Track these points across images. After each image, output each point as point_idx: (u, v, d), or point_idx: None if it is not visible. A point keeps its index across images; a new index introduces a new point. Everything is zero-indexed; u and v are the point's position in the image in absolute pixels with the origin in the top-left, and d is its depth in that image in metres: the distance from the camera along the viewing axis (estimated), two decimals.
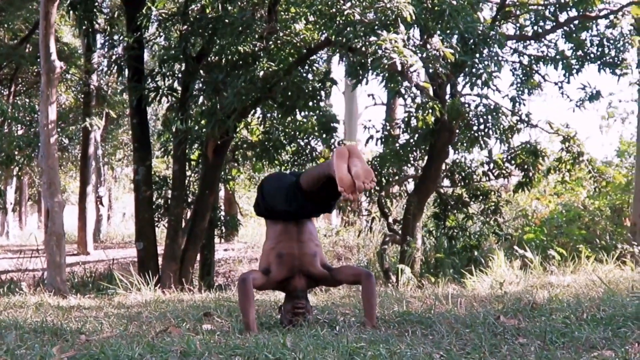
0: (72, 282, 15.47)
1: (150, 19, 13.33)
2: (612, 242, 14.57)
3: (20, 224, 38.58)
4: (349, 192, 4.91)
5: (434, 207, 15.42)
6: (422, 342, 4.36)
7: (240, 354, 3.76)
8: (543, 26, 13.39)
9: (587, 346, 4.07)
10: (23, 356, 3.50)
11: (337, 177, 4.94)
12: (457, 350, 4.04)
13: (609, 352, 3.81)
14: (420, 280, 11.56)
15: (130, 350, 3.69)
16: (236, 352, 3.84)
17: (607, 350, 3.86)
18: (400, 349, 3.93)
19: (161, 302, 8.18)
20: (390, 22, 9.81)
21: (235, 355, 3.72)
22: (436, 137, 12.84)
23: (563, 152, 14.42)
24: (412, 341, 4.39)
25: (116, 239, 28.77)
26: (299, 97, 11.86)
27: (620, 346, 3.95)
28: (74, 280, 15.94)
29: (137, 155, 13.89)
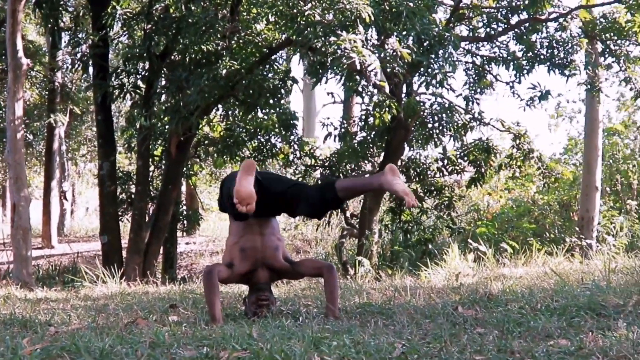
0: (37, 275, 15.32)
1: (115, 18, 13.20)
2: (560, 236, 14.72)
3: None
4: (244, 205, 4.89)
5: (390, 202, 15.45)
6: (384, 332, 4.35)
7: (208, 345, 3.73)
8: (495, 28, 13.44)
9: (543, 335, 4.09)
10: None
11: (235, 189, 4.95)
12: (418, 339, 4.03)
13: (565, 340, 3.83)
14: (377, 273, 11.57)
15: (101, 341, 3.66)
16: (204, 343, 3.81)
17: (562, 339, 3.88)
18: (364, 339, 3.91)
19: (127, 295, 8.12)
20: (350, 23, 9.81)
21: (204, 346, 3.68)
22: (392, 135, 12.88)
23: (514, 149, 14.52)
24: (374, 331, 4.38)
25: (80, 233, 28.51)
26: (260, 95, 11.80)
27: (574, 335, 3.97)
28: (39, 274, 15.79)
29: (102, 151, 13.79)
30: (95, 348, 3.38)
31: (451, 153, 14.38)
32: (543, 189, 16.31)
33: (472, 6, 13.93)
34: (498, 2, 13.52)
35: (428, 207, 15.19)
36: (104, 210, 13.69)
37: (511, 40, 13.80)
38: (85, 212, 37.90)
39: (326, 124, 13.55)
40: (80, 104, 25.04)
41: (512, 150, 14.55)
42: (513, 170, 14.96)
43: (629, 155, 17.79)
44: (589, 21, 13.11)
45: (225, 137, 14.17)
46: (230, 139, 13.90)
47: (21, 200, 11.24)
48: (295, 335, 4.06)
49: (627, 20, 12.52)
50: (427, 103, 12.73)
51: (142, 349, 3.48)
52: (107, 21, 12.93)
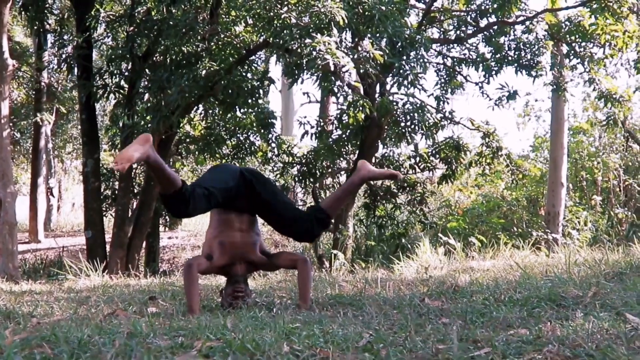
0: (24, 268, 15.28)
1: (98, 20, 13.22)
2: (528, 230, 14.81)
3: None
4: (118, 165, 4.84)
5: (364, 198, 15.51)
6: (353, 323, 4.37)
7: (183, 335, 3.73)
8: (465, 31, 13.51)
9: (504, 325, 4.11)
10: None
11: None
12: (385, 329, 4.06)
13: (524, 330, 3.86)
14: (352, 266, 11.61)
15: (80, 332, 3.66)
16: (180, 333, 3.81)
17: (522, 329, 3.91)
18: (333, 329, 3.94)
19: (109, 287, 8.10)
20: (324, 26, 9.83)
21: (179, 336, 3.69)
22: (366, 133, 12.94)
23: (483, 147, 14.61)
24: (344, 322, 4.40)
25: (66, 228, 28.43)
26: (239, 95, 11.81)
27: (534, 325, 4.00)
28: (25, 267, 15.74)
29: (86, 149, 13.80)
30: (74, 338, 3.38)
31: (423, 151, 14.45)
32: (511, 185, 16.40)
33: (443, 9, 14.00)
34: (468, 6, 13.58)
35: (401, 202, 15.25)
36: (88, 205, 13.70)
37: (480, 42, 13.87)
38: (72, 207, 37.79)
39: (303, 123, 13.56)
40: (65, 104, 24.99)
41: (482, 148, 14.63)
42: (483, 167, 15.05)
43: (593, 153, 17.91)
44: (554, 24, 13.22)
45: (205, 135, 14.19)
46: (211, 137, 13.92)
47: (7, 196, 11.22)
48: (268, 326, 4.07)
49: (591, 23, 12.62)
50: (400, 103, 12.74)
51: (120, 338, 3.48)
52: (91, 23, 12.95)
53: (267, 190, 5.63)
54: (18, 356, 2.94)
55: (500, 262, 9.67)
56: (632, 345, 3.35)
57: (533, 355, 3.21)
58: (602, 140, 18.49)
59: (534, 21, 13.13)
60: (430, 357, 3.24)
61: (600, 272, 6.67)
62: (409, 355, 3.27)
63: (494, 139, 14.49)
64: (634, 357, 3.13)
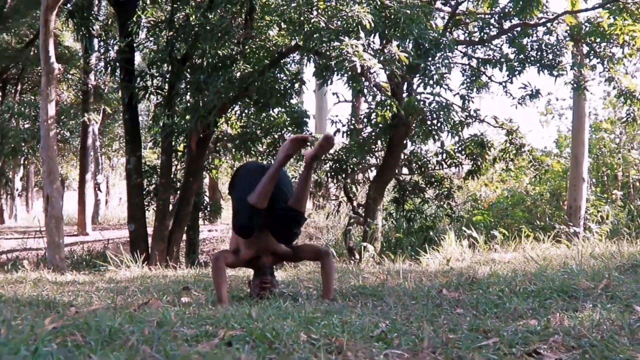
0: (71, 260, 15.43)
1: (140, 26, 13.32)
2: (550, 224, 14.70)
3: (27, 208, 38.43)
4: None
5: (394, 193, 15.49)
6: (372, 313, 4.39)
7: (210, 324, 3.76)
8: (488, 32, 13.45)
9: (515, 316, 4.11)
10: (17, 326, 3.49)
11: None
12: (402, 319, 4.07)
13: (533, 321, 3.85)
14: (381, 257, 11.61)
15: (112, 320, 3.70)
16: (207, 322, 3.84)
17: (531, 320, 3.90)
18: (351, 319, 3.95)
19: (147, 278, 8.17)
20: (352, 29, 9.85)
21: (206, 325, 3.72)
22: (394, 131, 12.91)
23: (507, 144, 14.55)
24: (363, 312, 4.42)
25: (113, 221, 28.69)
26: (272, 96, 11.87)
27: (543, 316, 4.00)
28: (73, 259, 15.89)
29: (129, 147, 13.93)
30: (105, 326, 3.42)
31: (450, 147, 14.41)
32: (535, 180, 16.31)
33: (468, 12, 13.94)
34: (492, 9, 13.51)
35: (429, 197, 15.23)
36: (131, 200, 13.83)
37: (504, 43, 13.78)
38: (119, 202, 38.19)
39: (335, 122, 13.57)
40: (111, 104, 25.26)
41: (506, 145, 14.57)
42: (506, 163, 15.00)
43: (614, 149, 17.75)
44: (574, 25, 13.10)
45: (241, 134, 14.24)
46: (246, 136, 13.98)
47: (54, 192, 11.34)
48: (291, 316, 4.10)
49: (610, 24, 12.51)
50: (426, 102, 12.71)
51: (149, 327, 3.52)
52: (132, 29, 13.05)
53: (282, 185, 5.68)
54: (52, 343, 2.98)
55: (521, 254, 9.63)
56: (636, 336, 3.34)
57: (539, 345, 3.21)
58: (622, 137, 18.31)
59: (554, 23, 13.02)
60: (440, 346, 3.25)
61: (614, 264, 6.62)
62: (421, 344, 3.28)
63: (517, 135, 14.42)
64: (636, 347, 3.12)
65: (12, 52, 21.43)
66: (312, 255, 5.93)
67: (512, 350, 3.15)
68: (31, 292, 6.35)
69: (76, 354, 2.74)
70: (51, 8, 11.09)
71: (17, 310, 4.67)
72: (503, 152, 14.63)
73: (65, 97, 28.02)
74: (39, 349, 2.63)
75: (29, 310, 4.79)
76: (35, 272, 9.66)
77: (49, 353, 2.67)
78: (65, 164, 34.22)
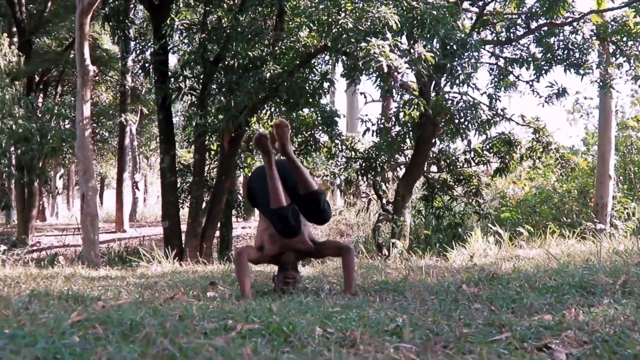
0: (108, 256, 15.56)
1: (174, 29, 13.39)
2: (577, 220, 14.58)
3: (68, 206, 38.83)
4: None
5: (423, 190, 15.46)
6: (390, 307, 4.38)
7: (231, 318, 3.77)
8: (515, 32, 13.38)
9: (532, 311, 4.08)
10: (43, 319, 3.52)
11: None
12: (420, 314, 4.06)
13: (548, 316, 3.82)
14: (409, 254, 11.58)
15: (134, 314, 3.72)
16: (228, 316, 3.85)
17: (547, 315, 3.87)
18: (369, 313, 3.95)
19: (177, 273, 8.21)
20: (378, 30, 9.84)
21: (227, 319, 3.73)
22: (422, 130, 12.87)
23: (534, 142, 14.44)
24: (381, 306, 4.41)
25: (150, 219, 28.93)
26: (301, 95, 11.89)
27: (559, 310, 3.96)
28: (110, 255, 16.02)
29: (163, 147, 14.03)
30: (127, 320, 3.44)
31: (477, 146, 14.34)
32: (562, 177, 16.19)
33: (495, 13, 13.87)
34: (519, 9, 13.44)
35: (457, 194, 15.18)
36: (165, 198, 13.93)
37: (531, 43, 13.70)
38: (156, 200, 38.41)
39: (365, 121, 13.55)
40: (147, 105, 25.43)
41: (533, 143, 14.48)
42: (533, 161, 14.90)
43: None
44: (600, 24, 12.99)
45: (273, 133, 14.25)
46: None
47: (89, 190, 11.45)
48: (310, 310, 4.10)
49: (636, 22, 12.39)
50: (454, 101, 12.66)
51: (171, 321, 3.54)
52: (166, 31, 13.12)
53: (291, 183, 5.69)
54: (74, 335, 3.00)
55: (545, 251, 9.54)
56: None
57: (550, 340, 3.18)
58: None
59: (580, 22, 12.92)
60: (453, 340, 3.23)
61: (635, 261, 6.54)
62: (435, 338, 3.27)
63: (544, 134, 14.31)
64: None
65: (52, 55, 21.63)
66: (334, 251, 5.92)
67: (523, 344, 3.13)
68: (62, 287, 6.39)
69: (93, 346, 2.76)
70: (86, 12, 11.19)
71: (46, 304, 4.71)
72: (530, 150, 14.53)
73: (104, 98, 28.31)
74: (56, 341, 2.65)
75: (58, 304, 4.82)
76: (70, 267, 9.73)
77: (67, 344, 2.69)
78: (104, 163, 34.55)
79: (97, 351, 2.61)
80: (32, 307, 4.40)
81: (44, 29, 21.96)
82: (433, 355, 2.90)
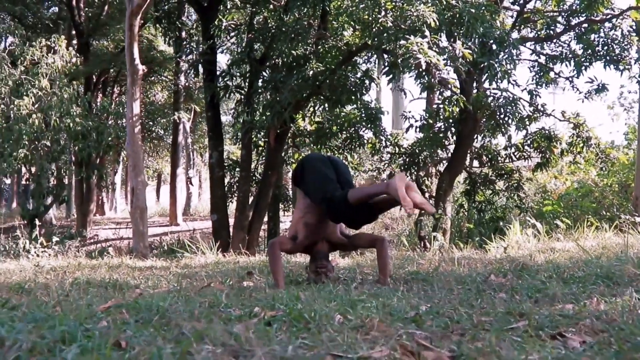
0: (159, 248, 15.70)
1: (221, 29, 13.46)
2: (617, 214, 14.32)
3: (126, 200, 39.25)
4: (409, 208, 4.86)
5: (465, 185, 15.35)
6: (416, 297, 4.33)
7: (258, 305, 3.76)
8: (554, 29, 13.22)
9: (555, 300, 4.00)
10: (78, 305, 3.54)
11: (400, 197, 4.90)
12: (445, 303, 4.00)
13: (570, 305, 3.75)
14: (450, 246, 11.48)
15: (164, 301, 3.72)
16: (257, 304, 3.84)
17: (568, 304, 3.80)
18: (393, 302, 3.91)
19: (219, 264, 8.23)
20: (417, 28, 9.79)
21: (255, 306, 3.72)
22: (462, 125, 12.79)
23: (574, 137, 14.26)
24: (408, 295, 4.37)
25: (203, 213, 29.09)
26: (343, 93, 11.88)
27: (581, 300, 3.88)
28: (161, 247, 16.17)
29: (212, 143, 14.14)
30: (155, 306, 3.44)
31: (518, 141, 14.22)
32: (602, 172, 15.95)
33: (536, 10, 13.71)
34: (559, 6, 13.27)
35: (499, 189, 15.05)
36: (213, 192, 14.04)
37: (572, 40, 13.52)
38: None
39: (408, 117, 13.50)
40: (199, 103, 25.63)
41: (573, 138, 14.29)
42: (574, 156, 14.71)
43: None
44: (639, 21, 12.75)
45: (317, 129, 14.31)
46: (322, 132, 14.03)
47: (138, 184, 11.55)
48: (337, 298, 4.07)
49: None
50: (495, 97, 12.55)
51: (198, 307, 3.54)
52: (214, 32, 13.20)
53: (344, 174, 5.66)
54: (103, 321, 3.01)
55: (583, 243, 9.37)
56: None
57: (566, 329, 3.12)
58: None
59: (620, 18, 12.69)
60: (471, 327, 3.18)
61: None
62: (453, 326, 3.22)
63: (584, 129, 14.12)
64: None
65: (109, 56, 21.92)
66: (368, 242, 5.89)
67: (539, 332, 3.07)
68: (105, 276, 6.45)
69: (112, 329, 2.76)
70: (135, 13, 11.28)
71: (85, 292, 4.75)
72: (570, 145, 14.34)
73: (160, 97, 28.61)
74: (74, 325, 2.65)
75: (96, 291, 4.86)
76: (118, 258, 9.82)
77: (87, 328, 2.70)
78: (160, 159, 34.88)
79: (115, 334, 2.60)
80: (71, 295, 4.44)
81: (100, 32, 22.28)
82: (446, 342, 2.85)
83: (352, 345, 2.65)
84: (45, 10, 24.02)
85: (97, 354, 2.26)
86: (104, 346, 2.36)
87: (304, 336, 2.91)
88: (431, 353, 2.45)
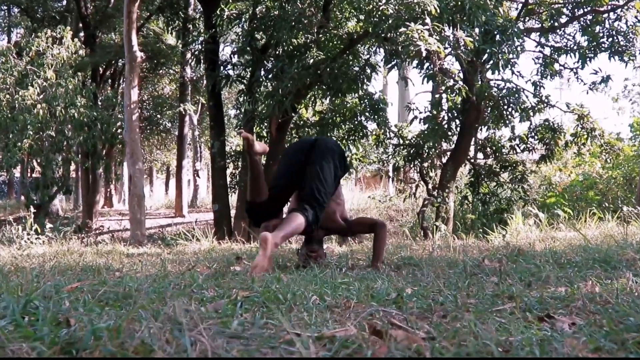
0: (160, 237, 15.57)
1: (223, 18, 13.27)
2: (620, 206, 14.11)
3: None
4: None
5: (469, 177, 15.15)
6: (404, 280, 4.13)
7: (235, 287, 3.57)
8: (558, 20, 13.00)
9: (547, 283, 3.80)
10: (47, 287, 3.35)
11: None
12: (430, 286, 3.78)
13: (562, 288, 3.53)
14: (452, 237, 11.29)
15: (135, 282, 3.54)
16: (235, 286, 3.65)
17: (562, 287, 3.58)
18: (377, 285, 3.70)
19: (212, 251, 8.07)
20: (418, 15, 9.59)
21: (233, 289, 3.52)
22: (466, 116, 12.57)
23: (578, 128, 14.02)
24: (391, 278, 4.18)
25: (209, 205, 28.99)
26: (343, 81, 11.69)
27: (576, 283, 3.66)
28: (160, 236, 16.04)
29: (213, 132, 13.98)
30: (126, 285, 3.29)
31: (522, 133, 14.01)
32: (607, 164, 15.72)
33: (540, 1, 13.48)
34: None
35: (504, 180, 14.83)
36: (215, 182, 13.89)
37: (577, 32, 13.31)
38: None
39: (412, 109, 13.28)
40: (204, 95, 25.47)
41: (577, 129, 14.05)
42: (578, 147, 14.46)
43: None
44: None
45: (320, 119, 14.13)
46: (324, 122, 13.85)
47: (136, 172, 11.40)
48: (320, 281, 3.88)
49: None
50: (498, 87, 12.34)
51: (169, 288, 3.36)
52: (216, 21, 13.02)
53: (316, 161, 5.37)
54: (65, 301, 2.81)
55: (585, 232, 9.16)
56: None
57: (556, 310, 2.89)
58: None
59: (624, 8, 12.45)
60: (454, 309, 2.95)
61: None
62: (436, 307, 2.99)
63: (588, 120, 13.87)
64: None
65: (115, 48, 21.75)
66: (366, 227, 5.78)
67: (526, 314, 2.83)
68: (90, 261, 6.26)
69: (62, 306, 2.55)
70: (134, 0, 11.10)
71: (63, 274, 4.56)
72: (574, 136, 14.10)
73: (167, 90, 28.47)
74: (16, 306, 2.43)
75: (72, 274, 4.66)
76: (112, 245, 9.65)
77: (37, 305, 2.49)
78: (167, 151, 34.75)
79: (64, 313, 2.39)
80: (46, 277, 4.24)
81: (107, 24, 22.16)
82: (424, 323, 2.62)
83: (318, 325, 2.43)
84: (53, 3, 23.89)
85: (30, 329, 2.03)
86: (49, 322, 2.15)
87: (269, 315, 2.69)
88: (400, 332, 2.20)
